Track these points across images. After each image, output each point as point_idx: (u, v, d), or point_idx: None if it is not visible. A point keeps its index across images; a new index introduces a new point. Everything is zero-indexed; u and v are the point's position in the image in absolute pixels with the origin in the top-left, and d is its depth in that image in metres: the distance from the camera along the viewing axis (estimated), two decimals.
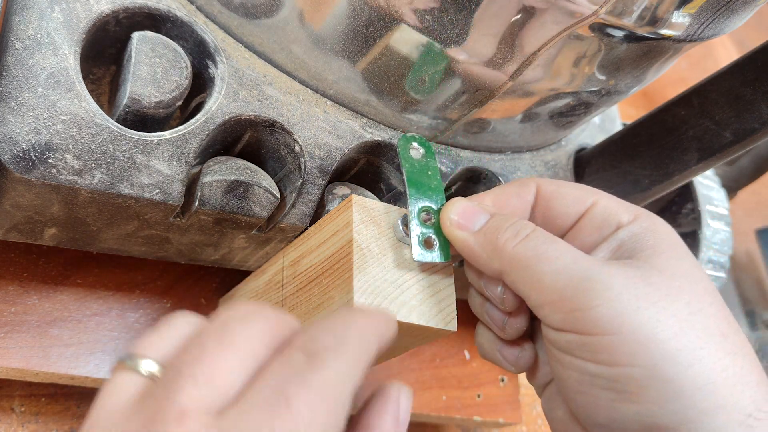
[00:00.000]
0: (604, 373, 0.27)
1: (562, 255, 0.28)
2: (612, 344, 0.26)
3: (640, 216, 0.31)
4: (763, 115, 0.36)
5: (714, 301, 0.28)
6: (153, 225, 0.35)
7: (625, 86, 0.38)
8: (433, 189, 0.33)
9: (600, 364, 0.27)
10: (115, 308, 0.43)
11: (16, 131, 0.29)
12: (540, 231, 0.30)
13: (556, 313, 0.28)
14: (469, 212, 0.32)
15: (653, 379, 0.26)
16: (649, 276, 0.27)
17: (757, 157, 0.78)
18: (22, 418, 0.43)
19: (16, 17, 0.30)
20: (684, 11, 0.31)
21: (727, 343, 0.27)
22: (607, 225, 0.31)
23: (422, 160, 0.34)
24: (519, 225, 0.30)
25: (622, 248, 0.30)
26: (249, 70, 0.35)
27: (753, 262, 1.01)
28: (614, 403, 0.27)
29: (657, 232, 0.30)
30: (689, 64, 1.00)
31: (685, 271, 0.28)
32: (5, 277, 0.40)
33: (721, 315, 0.28)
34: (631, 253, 0.29)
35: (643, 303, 0.27)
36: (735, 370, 0.26)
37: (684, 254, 0.29)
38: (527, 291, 0.29)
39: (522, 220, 0.30)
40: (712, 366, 0.26)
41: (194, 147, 0.32)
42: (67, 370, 0.40)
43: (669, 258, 0.28)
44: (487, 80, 0.34)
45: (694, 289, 0.28)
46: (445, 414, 0.52)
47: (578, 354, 0.28)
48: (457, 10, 0.30)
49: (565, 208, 0.32)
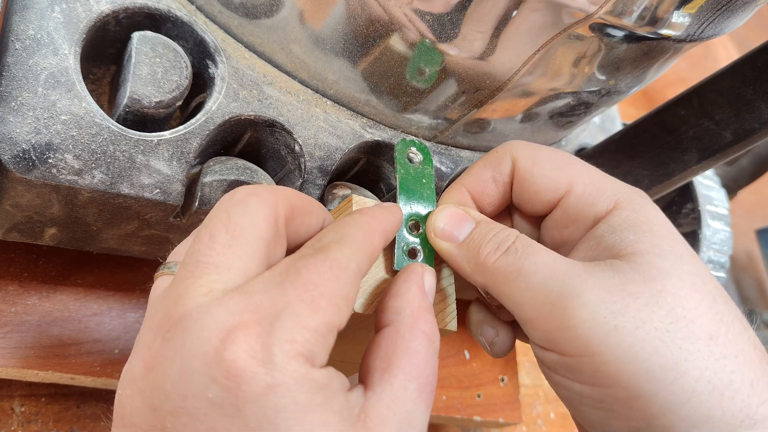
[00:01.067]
0: (589, 393, 0.27)
1: (539, 270, 0.28)
2: (592, 365, 0.26)
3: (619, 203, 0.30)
4: (763, 115, 0.36)
5: (703, 298, 0.27)
6: (153, 225, 0.35)
7: (625, 86, 0.38)
8: (425, 198, 0.33)
9: (584, 384, 0.27)
10: (115, 308, 0.43)
11: (16, 131, 0.29)
12: (521, 241, 0.29)
13: (537, 331, 0.28)
14: (455, 220, 0.31)
15: (637, 399, 0.26)
16: (629, 282, 0.27)
17: (757, 157, 0.78)
18: (22, 418, 0.43)
19: (16, 17, 0.30)
20: (684, 11, 0.31)
21: (716, 347, 0.26)
22: (582, 218, 0.30)
23: (419, 167, 0.34)
24: (501, 236, 0.30)
25: (601, 246, 0.29)
26: (249, 70, 0.35)
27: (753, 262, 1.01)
28: (605, 420, 0.27)
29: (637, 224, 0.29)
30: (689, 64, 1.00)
31: (669, 270, 0.27)
32: (5, 277, 0.40)
33: (709, 314, 0.26)
34: (611, 252, 0.28)
35: (620, 320, 0.26)
36: (723, 377, 0.25)
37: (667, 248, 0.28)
38: (510, 307, 0.29)
39: (506, 229, 0.30)
40: (698, 377, 0.25)
41: (194, 147, 0.32)
42: (67, 370, 0.40)
43: (651, 256, 0.27)
44: (487, 80, 0.34)
45: (678, 289, 0.27)
46: (445, 414, 0.52)
47: (563, 373, 0.28)
48: (457, 10, 0.30)
49: (537, 196, 0.31)
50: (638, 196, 0.30)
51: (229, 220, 0.24)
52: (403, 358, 0.25)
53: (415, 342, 0.25)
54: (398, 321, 0.26)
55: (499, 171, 0.32)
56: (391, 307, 0.27)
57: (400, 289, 0.27)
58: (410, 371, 0.24)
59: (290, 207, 0.25)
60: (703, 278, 0.27)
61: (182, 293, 0.22)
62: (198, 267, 0.23)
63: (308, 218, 0.26)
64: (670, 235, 0.29)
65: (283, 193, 0.26)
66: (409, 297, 0.27)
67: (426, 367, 0.25)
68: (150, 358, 0.22)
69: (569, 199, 0.31)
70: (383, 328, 0.26)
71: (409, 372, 0.24)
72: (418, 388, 0.24)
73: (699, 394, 0.25)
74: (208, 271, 0.23)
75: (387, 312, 0.27)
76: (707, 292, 0.27)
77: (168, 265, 0.27)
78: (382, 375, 0.24)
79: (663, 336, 0.26)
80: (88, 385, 0.41)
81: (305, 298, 0.22)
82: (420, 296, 0.27)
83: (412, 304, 0.27)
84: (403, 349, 0.25)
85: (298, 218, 0.26)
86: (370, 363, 0.25)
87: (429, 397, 0.25)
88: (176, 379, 0.21)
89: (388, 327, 0.26)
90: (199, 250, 0.23)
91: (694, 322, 0.26)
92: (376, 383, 0.24)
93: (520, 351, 0.66)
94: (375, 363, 0.25)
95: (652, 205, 0.30)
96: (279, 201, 0.25)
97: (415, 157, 0.34)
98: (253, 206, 0.24)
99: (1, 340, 0.39)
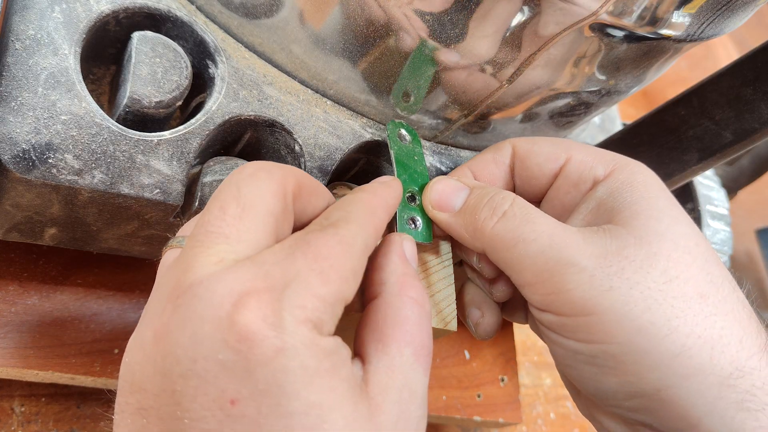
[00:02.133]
0: (584, 350, 0.28)
1: (538, 237, 0.28)
2: (588, 324, 0.27)
3: (618, 167, 0.31)
4: (763, 115, 0.36)
5: (695, 260, 0.28)
6: (153, 225, 0.35)
7: (625, 86, 0.38)
8: (418, 173, 0.34)
9: (580, 341, 0.28)
10: (115, 308, 0.43)
11: (16, 131, 0.29)
12: (518, 205, 0.30)
13: (535, 295, 0.29)
14: (449, 190, 0.32)
15: (629, 354, 0.27)
16: (624, 247, 0.28)
17: (757, 157, 0.77)
18: (22, 418, 0.43)
19: (16, 17, 0.30)
20: (684, 11, 0.31)
21: (706, 306, 0.27)
22: (582, 181, 0.31)
23: (409, 145, 0.35)
24: (497, 200, 0.30)
25: (600, 209, 0.30)
26: (249, 70, 0.35)
27: (753, 262, 1.01)
28: (597, 376, 0.28)
29: (634, 185, 0.30)
30: (689, 64, 1.00)
31: (663, 232, 0.28)
32: (5, 277, 0.40)
33: (701, 275, 0.28)
34: (610, 214, 0.29)
35: (615, 281, 0.27)
36: (713, 332, 0.26)
37: (663, 209, 0.29)
38: (508, 271, 0.30)
39: (500, 192, 0.31)
40: (688, 333, 0.26)
41: (194, 147, 0.32)
42: (67, 370, 0.40)
43: (648, 218, 0.28)
44: (486, 80, 0.34)
45: (672, 251, 0.28)
46: (445, 414, 0.52)
47: (559, 332, 0.29)
48: (457, 10, 0.30)
49: (539, 168, 0.32)
50: (634, 163, 0.31)
51: (239, 192, 0.24)
52: (395, 327, 0.25)
53: (404, 309, 0.26)
54: (385, 291, 0.26)
55: (499, 153, 0.33)
56: (376, 279, 0.27)
57: (382, 261, 0.28)
58: (403, 338, 0.25)
59: (298, 184, 0.26)
60: (695, 240, 0.29)
61: (192, 262, 0.23)
62: (208, 237, 0.23)
63: (314, 198, 0.27)
64: (664, 196, 0.30)
65: (291, 171, 0.26)
66: (391, 267, 0.27)
67: (419, 332, 0.25)
68: (160, 325, 0.22)
69: (569, 165, 0.31)
70: (371, 301, 0.26)
71: (402, 339, 0.25)
72: (414, 352, 0.25)
73: (689, 348, 0.26)
74: (219, 240, 0.23)
75: (373, 285, 0.27)
76: (699, 253, 0.28)
77: (177, 239, 0.27)
78: (376, 346, 0.25)
79: (656, 295, 0.27)
80: (88, 385, 0.41)
81: (315, 268, 0.23)
82: (402, 264, 0.27)
83: (396, 273, 0.27)
84: (393, 318, 0.25)
85: (304, 196, 0.26)
86: (363, 337, 0.25)
87: (426, 360, 0.25)
88: (187, 343, 0.21)
89: (375, 299, 0.26)
90: (209, 221, 0.23)
91: (686, 282, 0.27)
92: (372, 354, 0.25)
93: (520, 351, 0.66)
94: (368, 336, 0.25)
95: (649, 170, 0.31)
96: (288, 177, 0.25)
97: (405, 137, 0.35)
98: (263, 180, 0.24)
99: (1, 340, 0.39)
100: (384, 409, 0.23)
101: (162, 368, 0.22)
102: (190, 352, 0.21)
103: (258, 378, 0.21)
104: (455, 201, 0.32)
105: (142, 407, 0.22)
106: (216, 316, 0.21)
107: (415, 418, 0.24)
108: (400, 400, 0.24)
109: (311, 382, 0.21)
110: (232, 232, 0.23)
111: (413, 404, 0.24)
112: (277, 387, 0.21)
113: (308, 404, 0.21)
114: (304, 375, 0.21)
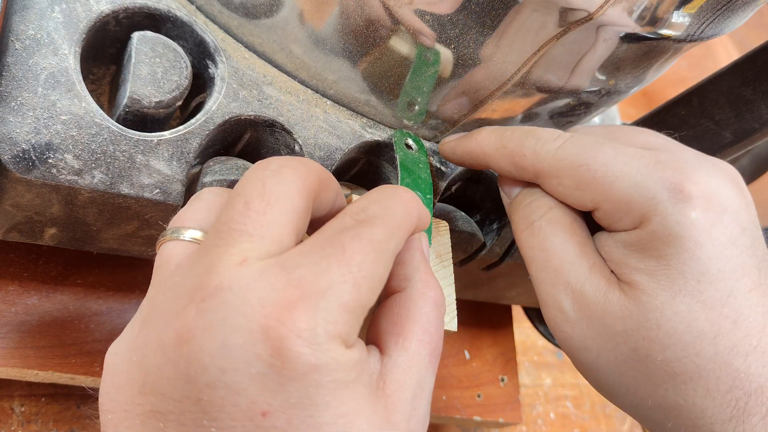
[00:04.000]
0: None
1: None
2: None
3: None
4: (763, 115, 0.36)
5: None
6: (153, 225, 0.35)
7: (625, 86, 0.38)
8: (422, 179, 0.34)
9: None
10: (115, 308, 0.43)
11: (16, 131, 0.29)
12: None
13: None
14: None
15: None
16: None
17: (757, 157, 0.77)
18: (22, 418, 0.43)
19: (16, 17, 0.30)
20: (684, 11, 0.31)
21: None
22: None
23: (415, 154, 0.35)
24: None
25: (620, 267, 0.30)
26: (249, 70, 0.35)
27: None
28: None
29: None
30: (689, 64, 1.00)
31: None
32: (5, 277, 0.40)
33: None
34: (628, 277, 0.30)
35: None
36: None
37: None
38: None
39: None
40: None
41: (194, 147, 0.32)
42: (67, 370, 0.40)
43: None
44: (486, 80, 0.34)
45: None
46: (445, 414, 0.52)
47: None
48: (457, 10, 0.30)
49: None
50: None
51: (264, 188, 0.24)
52: (417, 323, 0.25)
53: (426, 308, 0.26)
54: (410, 287, 0.27)
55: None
56: (400, 274, 0.27)
57: (405, 256, 0.28)
58: (423, 337, 0.25)
59: (318, 181, 0.25)
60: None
61: (215, 261, 0.22)
62: (231, 234, 0.23)
63: (328, 192, 0.27)
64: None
65: (313, 167, 0.26)
66: (415, 263, 0.27)
67: (436, 333, 0.26)
68: (183, 328, 0.22)
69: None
70: (393, 294, 0.27)
71: (422, 338, 0.25)
72: (430, 353, 0.25)
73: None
74: (242, 239, 0.23)
75: (395, 279, 0.27)
76: None
77: (173, 230, 0.26)
78: (396, 340, 0.25)
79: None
80: (88, 385, 0.41)
81: (348, 280, 0.22)
82: (425, 263, 0.28)
83: (420, 271, 0.27)
84: (417, 315, 0.26)
85: (322, 193, 0.26)
86: (382, 326, 0.26)
87: (437, 362, 0.26)
88: (215, 352, 0.21)
89: (399, 293, 0.27)
90: (233, 217, 0.23)
91: None
92: (392, 348, 0.25)
93: (520, 351, 0.66)
94: (388, 327, 0.26)
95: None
96: (311, 175, 0.25)
97: (412, 146, 0.36)
98: (289, 177, 0.24)
99: (1, 340, 0.39)
100: (398, 408, 0.24)
101: (186, 374, 0.21)
102: (219, 361, 0.21)
103: (290, 391, 0.21)
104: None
105: (158, 411, 0.22)
106: (248, 328, 0.21)
107: (423, 415, 0.25)
108: (413, 398, 0.24)
109: (338, 394, 0.22)
110: (256, 229, 0.23)
111: (423, 402, 0.25)
112: (308, 400, 0.21)
113: (337, 414, 0.22)
114: (334, 388, 0.22)
